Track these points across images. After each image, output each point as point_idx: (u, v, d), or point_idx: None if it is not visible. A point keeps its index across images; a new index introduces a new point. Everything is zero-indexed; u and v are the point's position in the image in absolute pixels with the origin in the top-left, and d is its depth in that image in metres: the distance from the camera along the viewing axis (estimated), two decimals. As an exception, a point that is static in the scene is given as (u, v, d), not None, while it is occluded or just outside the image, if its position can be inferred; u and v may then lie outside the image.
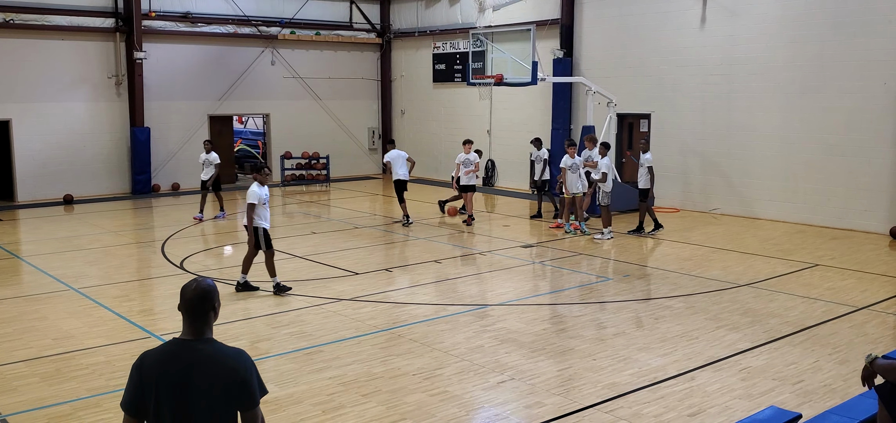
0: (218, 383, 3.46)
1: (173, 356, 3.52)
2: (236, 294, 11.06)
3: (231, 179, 24.79)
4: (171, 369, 3.49)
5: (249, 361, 3.56)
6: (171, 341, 3.57)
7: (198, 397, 3.45)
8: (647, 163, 15.17)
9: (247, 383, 3.49)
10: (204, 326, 3.55)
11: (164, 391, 3.47)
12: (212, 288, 3.58)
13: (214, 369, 3.48)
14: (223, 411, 3.48)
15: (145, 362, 3.57)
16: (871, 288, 11.32)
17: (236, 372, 3.48)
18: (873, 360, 4.90)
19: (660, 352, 8.54)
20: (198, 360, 3.49)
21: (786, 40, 16.78)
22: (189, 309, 3.54)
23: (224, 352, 3.54)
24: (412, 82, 26.48)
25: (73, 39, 21.13)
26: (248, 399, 3.50)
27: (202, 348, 3.51)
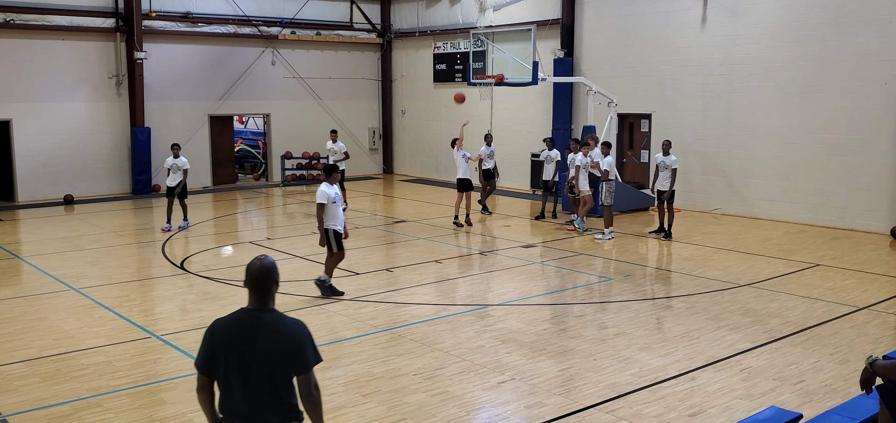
0: (276, 348, 3.92)
1: (239, 324, 4.02)
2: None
3: (231, 179, 24.81)
4: (236, 334, 3.98)
5: (306, 330, 4.04)
6: (239, 310, 4.08)
7: (259, 359, 3.91)
8: (673, 165, 14.96)
9: (302, 349, 3.95)
10: (267, 298, 4.04)
11: (231, 353, 3.96)
12: (273, 265, 4.10)
13: (274, 335, 3.94)
14: (280, 373, 3.93)
15: (216, 328, 4.09)
16: (872, 288, 11.32)
17: (292, 339, 3.96)
18: (873, 361, 4.88)
19: (660, 352, 8.54)
20: (260, 327, 3.96)
21: (786, 40, 16.78)
22: (254, 283, 4.05)
23: (283, 321, 4.02)
24: (413, 82, 26.48)
25: (73, 39, 21.13)
26: (302, 364, 3.95)
27: (264, 317, 4.00)
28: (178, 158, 16.10)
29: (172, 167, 16.11)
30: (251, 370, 3.95)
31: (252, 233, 17.24)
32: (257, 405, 3.97)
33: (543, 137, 18.23)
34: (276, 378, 3.96)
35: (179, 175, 16.04)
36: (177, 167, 16.06)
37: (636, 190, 18.63)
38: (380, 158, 27.66)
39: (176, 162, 16.06)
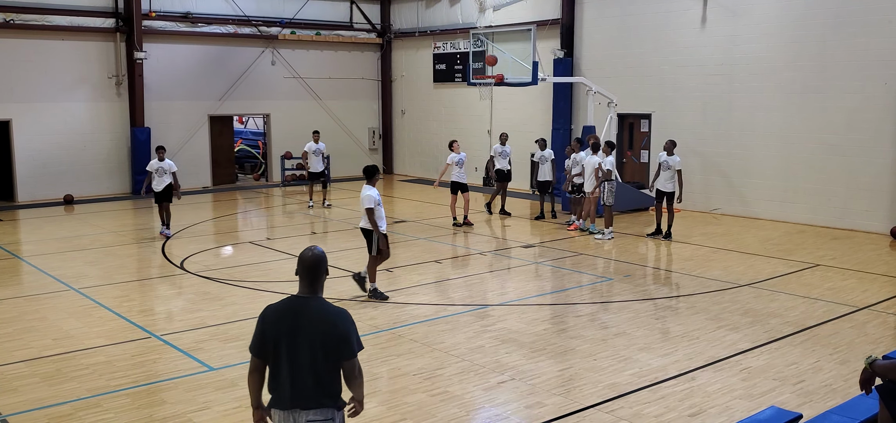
0: (321, 334, 4.19)
1: (289, 310, 4.29)
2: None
3: (231, 179, 24.81)
4: (284, 320, 4.26)
5: (350, 319, 4.31)
6: (289, 297, 4.35)
7: (306, 344, 4.19)
8: (677, 166, 14.90)
9: (346, 336, 4.24)
10: (316, 285, 4.34)
11: (279, 339, 4.24)
12: (324, 256, 4.40)
13: (320, 322, 4.22)
14: (326, 357, 4.20)
15: (267, 313, 4.37)
16: (872, 288, 11.32)
17: (337, 326, 4.24)
18: (873, 362, 4.88)
19: (660, 352, 8.54)
20: (307, 314, 4.24)
21: (786, 40, 16.77)
22: (306, 272, 4.33)
23: (329, 309, 4.30)
24: (412, 82, 26.48)
25: (73, 39, 21.13)
26: (346, 350, 4.24)
27: (312, 305, 4.28)
28: (164, 162, 15.39)
29: (158, 171, 15.34)
30: (297, 356, 4.22)
31: (252, 233, 17.24)
32: (302, 390, 4.22)
33: (535, 139, 18.22)
34: (320, 364, 4.22)
35: (167, 178, 15.32)
36: (163, 171, 15.31)
37: (636, 190, 18.63)
38: (380, 158, 27.64)
39: (162, 165, 15.33)
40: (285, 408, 4.29)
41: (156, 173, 15.28)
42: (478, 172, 24.18)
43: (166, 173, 15.30)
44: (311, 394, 4.24)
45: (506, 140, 17.93)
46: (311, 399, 4.25)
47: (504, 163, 17.82)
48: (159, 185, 15.32)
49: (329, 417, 4.30)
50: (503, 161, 17.81)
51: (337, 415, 4.35)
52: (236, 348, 8.72)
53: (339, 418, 4.36)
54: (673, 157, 14.95)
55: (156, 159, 15.49)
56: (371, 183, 10.49)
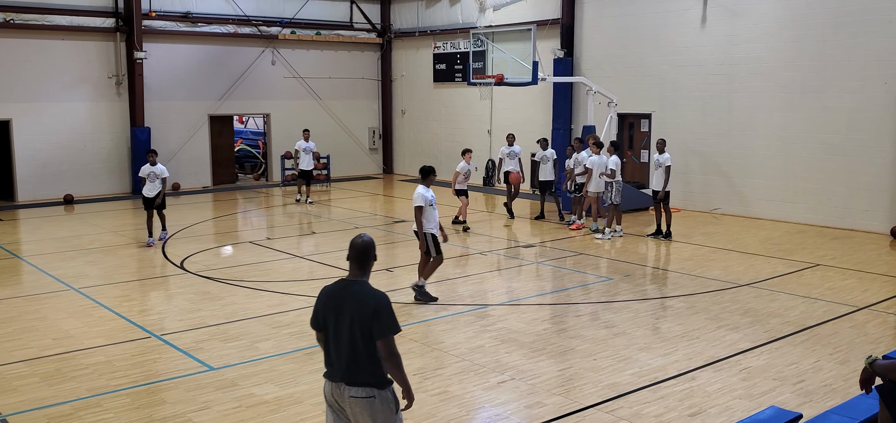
0: (360, 312, 4.53)
1: (338, 291, 4.70)
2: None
3: (231, 179, 24.81)
4: (332, 300, 4.68)
5: (386, 301, 4.58)
6: (341, 279, 4.77)
7: (348, 323, 4.55)
8: (666, 162, 14.91)
9: (379, 316, 4.50)
10: (362, 270, 4.71)
11: (328, 316, 4.66)
12: (372, 243, 4.79)
13: (358, 302, 4.57)
14: (364, 334, 4.51)
15: (321, 293, 4.81)
16: (872, 288, 11.32)
17: (372, 307, 4.52)
18: (873, 361, 4.88)
19: (660, 352, 8.54)
20: (350, 295, 4.62)
21: (786, 40, 16.78)
22: (356, 256, 4.72)
23: (368, 291, 4.63)
24: (413, 82, 26.48)
25: (73, 39, 21.13)
26: (379, 329, 4.49)
27: (355, 287, 4.65)
28: (155, 166, 14.66)
29: (149, 176, 14.60)
30: (341, 334, 4.58)
31: (252, 233, 17.24)
32: (346, 364, 4.57)
33: (537, 139, 18.19)
34: (360, 343, 4.52)
35: (157, 184, 14.56)
36: (154, 175, 14.59)
37: (636, 190, 18.63)
38: (380, 158, 27.66)
39: (153, 170, 14.60)
40: (334, 381, 4.66)
41: (147, 178, 14.62)
42: (478, 172, 24.19)
43: (157, 179, 14.60)
44: (353, 371, 4.55)
45: (513, 141, 17.72)
46: (354, 376, 4.55)
47: (513, 164, 17.55)
48: (149, 191, 14.58)
49: (370, 394, 4.52)
50: (512, 162, 17.57)
51: (378, 394, 4.53)
52: (236, 349, 8.72)
53: (380, 397, 4.53)
54: (663, 154, 14.92)
55: (147, 165, 14.76)
56: (426, 183, 10.37)
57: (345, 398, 4.58)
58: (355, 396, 4.52)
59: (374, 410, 4.51)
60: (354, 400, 4.53)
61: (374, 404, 4.52)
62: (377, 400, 4.52)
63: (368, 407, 4.51)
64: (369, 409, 4.51)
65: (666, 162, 14.79)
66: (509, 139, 17.75)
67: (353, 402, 4.54)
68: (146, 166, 14.74)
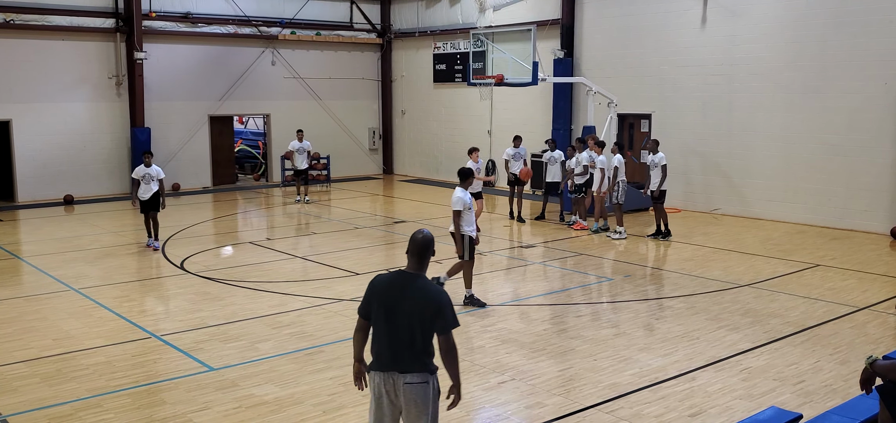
0: (420, 308, 4.70)
1: (395, 282, 4.84)
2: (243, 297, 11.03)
3: (231, 179, 24.81)
4: (390, 291, 4.80)
5: (447, 298, 4.80)
6: (397, 271, 4.88)
7: (405, 315, 4.71)
8: (661, 162, 14.89)
9: (441, 312, 4.70)
10: (421, 265, 4.87)
11: (383, 305, 4.78)
12: (432, 238, 4.95)
13: (420, 297, 4.73)
14: (422, 328, 4.70)
15: (375, 282, 4.92)
16: (872, 288, 11.32)
17: (434, 303, 4.72)
18: (873, 362, 4.88)
19: (661, 352, 8.54)
20: (411, 289, 4.76)
21: (786, 40, 16.77)
22: (417, 251, 4.86)
23: (430, 287, 4.82)
24: (412, 82, 26.48)
25: (73, 39, 21.12)
26: (442, 325, 4.70)
27: (416, 281, 4.80)
28: (151, 167, 14.23)
29: (144, 178, 14.12)
30: (397, 323, 4.75)
31: (252, 233, 17.24)
32: (398, 353, 4.75)
33: (545, 139, 18.13)
34: (417, 334, 4.72)
35: (154, 186, 14.16)
36: (150, 177, 14.13)
37: (637, 190, 18.61)
38: (380, 159, 27.66)
39: (149, 171, 14.14)
40: (385, 370, 4.79)
41: (143, 180, 14.16)
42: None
43: (153, 180, 14.17)
44: (408, 359, 4.74)
45: (520, 142, 17.47)
46: (408, 364, 4.74)
47: (519, 166, 17.29)
48: (146, 193, 14.17)
49: (425, 380, 4.77)
50: (517, 164, 17.32)
51: (431, 379, 4.81)
52: (236, 349, 8.72)
53: (432, 381, 4.82)
54: (657, 154, 14.93)
55: (142, 165, 14.30)
56: (464, 186, 10.23)
57: (398, 385, 4.77)
58: (411, 382, 4.74)
59: (427, 395, 4.78)
60: (409, 386, 4.75)
61: (428, 390, 4.79)
62: (429, 386, 4.80)
63: (422, 392, 4.77)
64: (424, 394, 4.77)
65: (661, 161, 14.80)
66: (516, 142, 17.50)
67: (407, 388, 4.75)
68: (140, 168, 14.29)
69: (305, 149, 20.51)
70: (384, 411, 4.85)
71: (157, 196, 14.27)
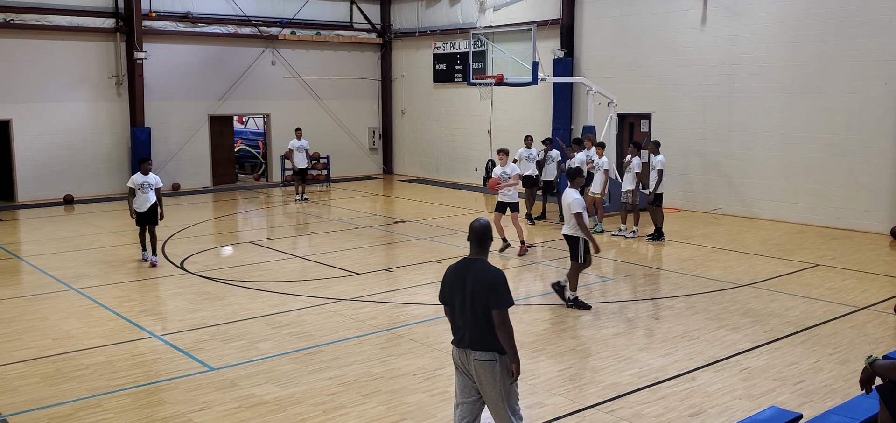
0: (479, 287, 5.22)
1: (460, 267, 5.43)
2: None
3: (231, 179, 24.81)
4: (456, 275, 5.40)
5: (502, 277, 5.27)
6: (463, 258, 5.45)
7: (470, 296, 5.24)
8: (660, 165, 14.89)
9: (495, 290, 5.19)
10: (481, 249, 5.40)
11: (453, 290, 5.39)
12: (489, 225, 5.49)
13: (478, 278, 5.26)
14: (483, 305, 5.19)
15: (447, 270, 5.52)
16: (872, 288, 11.31)
17: (488, 282, 5.21)
18: (873, 361, 4.88)
19: (660, 352, 8.54)
20: (471, 271, 5.32)
21: (786, 40, 16.77)
22: (476, 238, 5.41)
23: (486, 267, 5.33)
24: (413, 82, 26.47)
25: (73, 39, 21.12)
26: (495, 301, 5.17)
27: (476, 264, 5.34)
28: (149, 176, 13.06)
29: (142, 186, 12.94)
30: (465, 305, 5.27)
31: (252, 233, 17.24)
32: (468, 332, 5.26)
33: (542, 139, 18.12)
34: (480, 312, 5.20)
35: (152, 196, 12.99)
36: (148, 186, 12.98)
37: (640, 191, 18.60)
38: (380, 158, 27.66)
39: (147, 180, 12.99)
40: (461, 347, 5.36)
41: (139, 190, 12.94)
42: (478, 172, 24.19)
43: (151, 190, 13.00)
44: (477, 337, 5.23)
45: (531, 143, 17.23)
46: (478, 341, 5.23)
47: (531, 167, 17.08)
48: (143, 203, 12.96)
49: (492, 358, 5.22)
50: (530, 165, 17.10)
51: (499, 358, 5.24)
52: (236, 349, 8.72)
53: (501, 361, 5.24)
54: (657, 157, 14.92)
55: (139, 174, 13.09)
56: (574, 185, 10.13)
57: (470, 362, 5.28)
58: (480, 359, 5.22)
59: (495, 372, 5.22)
60: (479, 363, 5.23)
61: (495, 367, 5.22)
62: (498, 364, 5.22)
63: (491, 369, 5.21)
64: (491, 371, 5.21)
65: (658, 165, 14.80)
66: (527, 142, 17.22)
67: (477, 365, 5.25)
68: (137, 176, 13.08)
69: (304, 147, 20.62)
70: (465, 384, 5.41)
71: (155, 207, 13.11)
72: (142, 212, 13.02)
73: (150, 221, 13.11)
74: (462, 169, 24.82)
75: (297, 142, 20.60)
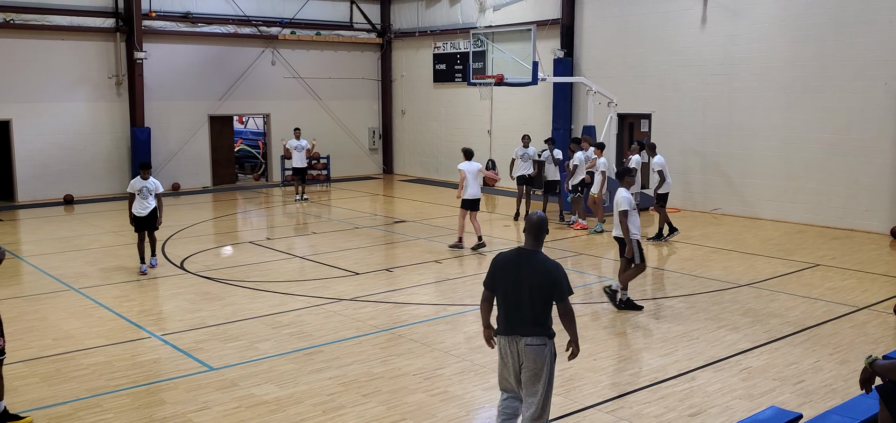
0: (539, 279, 5.48)
1: (516, 258, 5.63)
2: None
3: (231, 179, 24.81)
4: (512, 265, 5.60)
5: (562, 270, 5.57)
6: (517, 248, 5.68)
7: (526, 286, 5.49)
8: (658, 166, 14.86)
9: (558, 282, 5.50)
10: (537, 242, 5.63)
11: (506, 279, 5.59)
12: (546, 219, 5.78)
13: (538, 271, 5.51)
14: (541, 297, 5.48)
15: (498, 258, 5.73)
16: (872, 288, 11.31)
17: (551, 274, 5.51)
18: (873, 361, 4.88)
19: (660, 352, 8.54)
20: (530, 263, 5.55)
21: (786, 40, 16.77)
22: (534, 230, 5.64)
23: (547, 261, 5.58)
24: (413, 82, 26.47)
25: (73, 39, 21.12)
26: (559, 294, 5.52)
27: (534, 256, 5.59)
28: (148, 180, 12.50)
29: (141, 191, 12.40)
30: (519, 293, 5.51)
31: (252, 233, 17.23)
32: (521, 320, 5.52)
33: (545, 138, 18.11)
34: (537, 302, 5.48)
35: (151, 201, 12.47)
36: (147, 191, 12.45)
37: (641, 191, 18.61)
38: (380, 158, 27.66)
39: (146, 185, 12.44)
40: (508, 334, 5.57)
41: (138, 194, 12.40)
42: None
43: (151, 195, 12.49)
44: (528, 324, 5.50)
45: (528, 142, 17.22)
46: (529, 328, 5.51)
47: (527, 166, 17.09)
48: (142, 209, 12.41)
49: (542, 343, 5.53)
50: (525, 164, 17.12)
51: (548, 343, 5.57)
52: (236, 349, 8.72)
53: (549, 345, 5.58)
54: (655, 158, 14.92)
55: (138, 178, 12.51)
56: (624, 185, 10.10)
57: (519, 347, 5.53)
58: (530, 344, 5.51)
59: (544, 355, 5.53)
60: (529, 347, 5.51)
61: (544, 351, 5.54)
62: (547, 348, 5.55)
63: (540, 353, 5.52)
64: (541, 355, 5.52)
65: (656, 166, 14.82)
66: (525, 141, 17.24)
67: (527, 349, 5.51)
68: (137, 180, 12.49)
69: (303, 146, 20.67)
70: (509, 369, 5.63)
71: (154, 213, 12.57)
72: (140, 217, 12.51)
73: (148, 226, 12.63)
74: (462, 169, 24.79)
75: (295, 142, 20.66)
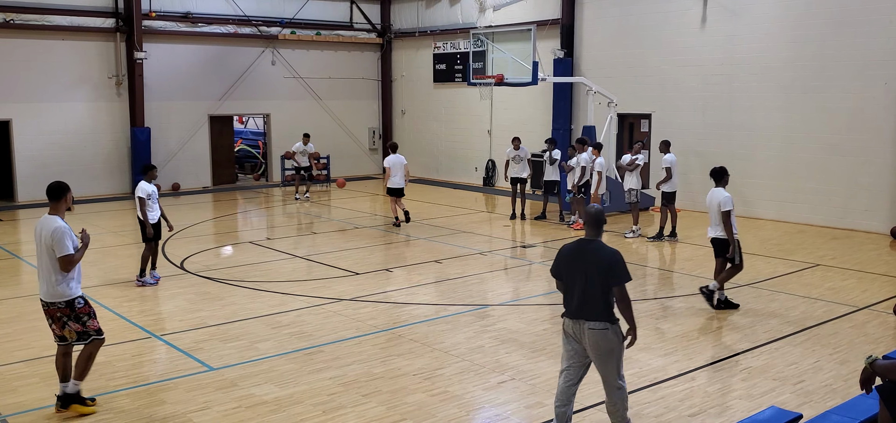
0: (598, 266, 5.83)
1: (578, 248, 6.01)
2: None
3: (231, 179, 24.81)
4: (574, 254, 6.00)
5: (620, 257, 5.88)
6: (579, 239, 6.04)
7: (587, 272, 5.84)
8: (667, 163, 14.75)
9: (614, 268, 5.81)
10: (596, 232, 6.02)
11: (570, 267, 6.00)
12: (602, 211, 6.13)
13: (598, 257, 5.87)
14: (602, 281, 5.80)
15: (562, 250, 6.15)
16: (872, 288, 11.31)
17: (609, 260, 5.83)
18: (873, 361, 4.88)
19: (660, 352, 8.54)
20: (590, 251, 5.93)
21: (786, 40, 16.77)
22: (591, 222, 6.04)
23: (605, 248, 5.94)
24: (413, 82, 26.47)
25: (73, 39, 21.13)
26: (615, 278, 5.81)
27: (593, 245, 5.96)
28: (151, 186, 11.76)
29: (151, 196, 11.65)
30: (581, 280, 5.86)
31: (252, 233, 17.23)
32: (584, 305, 5.84)
33: (545, 138, 18.11)
34: (597, 288, 5.79)
35: (158, 208, 11.82)
36: (153, 198, 11.69)
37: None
38: (380, 159, 27.62)
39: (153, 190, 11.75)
40: (573, 318, 5.93)
41: (149, 199, 11.62)
42: (478, 172, 24.20)
43: (157, 201, 11.85)
44: (590, 309, 5.82)
45: (519, 144, 17.21)
46: (591, 313, 5.82)
47: (521, 167, 17.13)
48: (155, 214, 11.74)
49: (604, 327, 5.81)
50: (519, 166, 17.14)
51: (610, 327, 5.83)
52: (236, 349, 8.72)
53: (611, 329, 5.83)
54: (666, 155, 14.89)
55: (147, 182, 11.74)
56: (721, 185, 10.15)
57: (583, 331, 5.85)
58: (593, 328, 5.81)
59: (607, 339, 5.81)
60: (592, 331, 5.81)
61: (607, 334, 5.81)
62: (610, 332, 5.81)
63: (603, 337, 5.80)
64: (604, 338, 5.80)
65: (665, 163, 14.78)
66: (515, 143, 17.28)
67: (590, 333, 5.82)
68: (146, 185, 11.67)
69: (310, 151, 21.18)
70: (574, 350, 5.98)
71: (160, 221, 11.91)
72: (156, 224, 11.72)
73: (158, 236, 11.87)
74: (462, 169, 24.82)
75: (302, 145, 21.07)
